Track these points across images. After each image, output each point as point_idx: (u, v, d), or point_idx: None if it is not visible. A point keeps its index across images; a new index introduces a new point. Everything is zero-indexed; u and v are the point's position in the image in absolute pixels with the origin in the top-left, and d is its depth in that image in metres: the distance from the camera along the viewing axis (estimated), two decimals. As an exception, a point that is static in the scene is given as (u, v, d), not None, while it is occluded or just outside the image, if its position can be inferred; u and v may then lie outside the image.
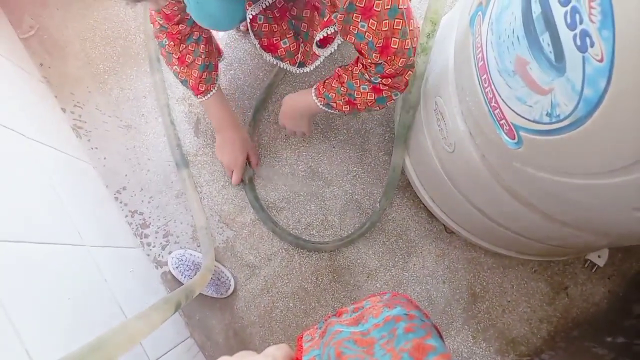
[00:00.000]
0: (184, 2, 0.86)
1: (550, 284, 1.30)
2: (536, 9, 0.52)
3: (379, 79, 0.89)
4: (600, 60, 0.44)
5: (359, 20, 0.77)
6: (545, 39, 0.51)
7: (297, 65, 1.06)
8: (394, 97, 0.95)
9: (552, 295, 1.30)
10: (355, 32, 0.80)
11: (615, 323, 1.15)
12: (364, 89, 0.93)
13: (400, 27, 0.79)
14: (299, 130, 1.20)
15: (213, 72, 1.10)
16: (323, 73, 1.37)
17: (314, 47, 0.97)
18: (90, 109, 1.33)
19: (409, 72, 0.89)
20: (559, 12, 0.48)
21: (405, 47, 0.83)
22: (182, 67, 1.05)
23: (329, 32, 0.90)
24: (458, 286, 1.32)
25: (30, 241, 0.80)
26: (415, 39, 0.85)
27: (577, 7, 0.45)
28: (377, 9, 0.75)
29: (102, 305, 0.95)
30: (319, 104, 1.03)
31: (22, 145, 0.98)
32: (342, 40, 0.93)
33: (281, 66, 1.08)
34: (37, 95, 1.23)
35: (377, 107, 0.98)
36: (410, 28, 0.82)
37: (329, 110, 1.03)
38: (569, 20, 0.46)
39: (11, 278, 0.70)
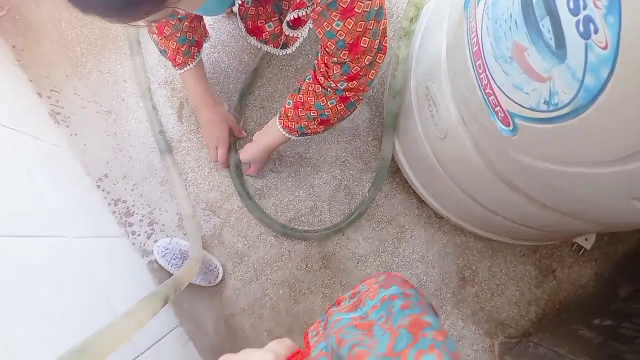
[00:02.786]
0: None
1: (538, 267, 1.31)
2: (536, -8, 0.49)
3: (345, 84, 0.88)
4: (604, 48, 0.42)
5: (335, 19, 0.75)
6: (545, 25, 0.49)
7: (280, 47, 1.03)
8: (361, 98, 0.96)
9: (540, 278, 1.31)
10: (328, 29, 0.77)
11: (602, 306, 1.17)
12: (331, 103, 0.93)
13: (372, 28, 0.78)
14: (268, 163, 1.27)
15: (193, 47, 1.06)
16: (310, 56, 1.33)
17: (285, 28, 0.93)
18: (68, 93, 1.27)
19: (372, 71, 0.87)
20: (561, -4, 0.45)
21: (373, 46, 0.82)
22: (160, 37, 1.02)
23: (300, 14, 0.87)
24: (447, 270, 1.32)
25: (7, 235, 0.76)
26: (385, 38, 0.84)
27: (581, -9, 0.42)
28: (357, 11, 0.73)
29: (88, 298, 0.92)
30: (292, 137, 1.04)
31: (-5, 133, 0.93)
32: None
33: (265, 49, 1.04)
34: (10, 79, 1.18)
35: (349, 113, 0.98)
36: (381, 28, 0.81)
37: (302, 138, 1.06)
38: (571, 6, 0.44)
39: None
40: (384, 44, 0.85)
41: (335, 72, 0.85)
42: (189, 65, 1.07)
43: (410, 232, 1.32)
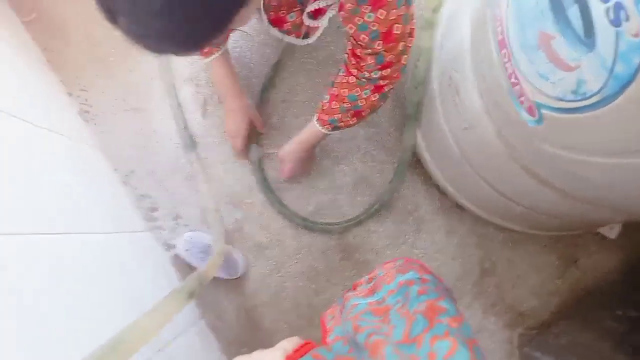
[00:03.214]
0: None
1: (560, 257, 1.31)
2: (565, -19, 0.50)
3: (379, 73, 0.88)
4: (636, 36, 0.42)
5: (367, 12, 0.75)
6: (573, 13, 0.50)
7: (302, 37, 1.04)
8: (393, 87, 0.95)
9: (562, 268, 1.31)
10: (360, 22, 0.77)
11: (626, 296, 1.16)
12: (366, 93, 0.92)
13: (403, 14, 0.77)
14: (307, 169, 1.27)
15: None
16: (331, 48, 1.33)
17: (305, 19, 0.94)
18: (96, 92, 1.30)
19: (404, 56, 0.87)
20: (590, -15, 0.46)
21: (406, 32, 0.81)
22: None
23: (320, 5, 0.88)
24: (468, 261, 1.32)
25: (40, 232, 0.79)
26: (413, 21, 0.83)
27: (612, -21, 0.43)
28: (388, 0, 0.74)
29: (117, 291, 0.95)
30: (326, 131, 1.04)
31: (29, 133, 0.96)
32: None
33: (286, 40, 1.05)
34: (42, 80, 1.21)
35: (381, 104, 0.98)
36: (411, 12, 0.81)
37: (335, 132, 1.05)
38: (602, -7, 0.45)
39: (26, 271, 0.70)
40: (412, 27, 0.84)
41: (369, 62, 0.85)
42: (215, 54, 1.07)
43: (430, 224, 1.32)
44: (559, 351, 1.10)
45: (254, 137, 1.28)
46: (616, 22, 0.44)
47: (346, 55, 0.91)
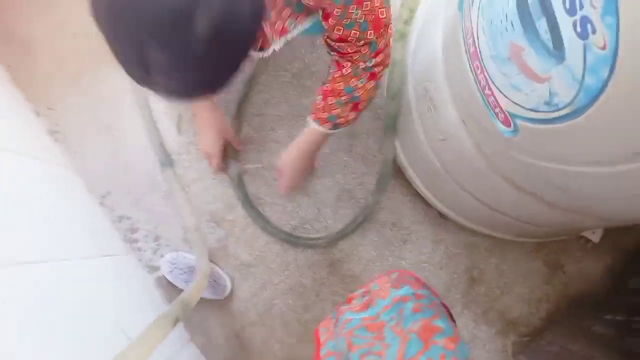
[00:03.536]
0: None
1: (546, 262, 1.30)
2: (531, -7, 0.48)
3: (373, 61, 0.87)
4: (603, 48, 0.41)
5: (353, 11, 0.75)
6: (541, 25, 0.49)
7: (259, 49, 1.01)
8: (382, 75, 0.94)
9: (549, 274, 1.30)
10: (347, 22, 0.78)
11: (613, 300, 1.16)
12: (362, 82, 0.90)
13: None
14: (307, 178, 1.24)
15: None
16: (305, 61, 1.32)
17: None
18: (65, 110, 1.27)
19: (389, 41, 0.88)
20: (556, -3, 0.45)
21: (390, 13, 0.83)
22: None
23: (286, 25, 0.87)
24: (456, 271, 1.31)
25: (11, 263, 0.76)
26: (390, 2, 0.85)
27: (577, -8, 0.42)
28: None
29: (97, 320, 0.92)
30: (326, 130, 0.99)
31: (-4, 157, 0.93)
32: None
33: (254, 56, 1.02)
34: (6, 100, 1.17)
35: (375, 93, 0.95)
36: None
37: (337, 131, 0.99)
38: (568, 6, 0.43)
39: (2, 304, 0.67)
40: (389, 8, 0.85)
41: (364, 52, 0.85)
42: None
43: (416, 234, 1.31)
44: (552, 359, 1.09)
45: (232, 152, 1.26)
46: (583, 35, 0.43)
47: (333, 54, 0.90)
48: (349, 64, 0.88)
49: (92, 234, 1.16)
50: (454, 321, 0.65)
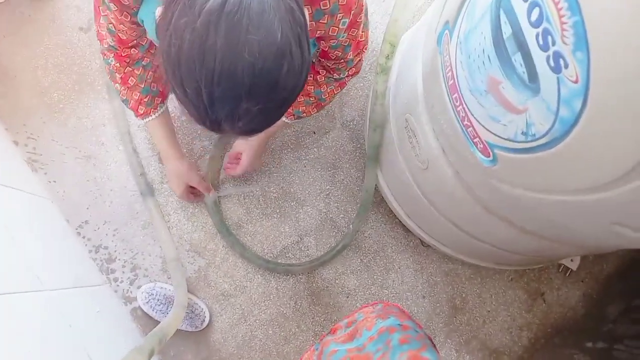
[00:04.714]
0: (143, 26, 0.82)
1: (527, 291, 1.31)
2: (506, 30, 0.51)
3: (346, 73, 0.95)
4: (575, 82, 0.43)
5: (340, 19, 0.77)
6: (517, 59, 0.51)
7: None
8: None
9: (529, 302, 1.31)
10: (333, 43, 0.82)
11: (593, 328, 1.17)
12: (330, 88, 0.99)
13: (362, 21, 0.83)
14: (259, 164, 1.26)
15: (157, 98, 1.03)
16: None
17: None
18: (45, 140, 1.25)
19: (364, 54, 0.94)
20: (530, 34, 0.47)
21: (367, 35, 0.89)
22: (123, 87, 0.99)
23: None
24: (438, 299, 1.31)
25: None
26: (368, 23, 0.90)
27: (549, 29, 0.44)
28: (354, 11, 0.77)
29: (69, 354, 0.88)
30: (289, 121, 1.07)
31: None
32: None
33: None
34: (-15, 129, 1.16)
35: (339, 91, 1.03)
36: (366, 20, 0.87)
37: (297, 121, 1.09)
38: (541, 42, 0.46)
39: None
40: (367, 32, 0.91)
41: (341, 67, 0.92)
42: (151, 115, 1.04)
43: (398, 262, 1.31)
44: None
45: (211, 178, 1.25)
46: (557, 69, 0.45)
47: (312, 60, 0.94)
48: (325, 72, 0.95)
49: (68, 264, 1.12)
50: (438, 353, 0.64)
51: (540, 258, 1.04)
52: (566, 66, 0.43)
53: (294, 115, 1.04)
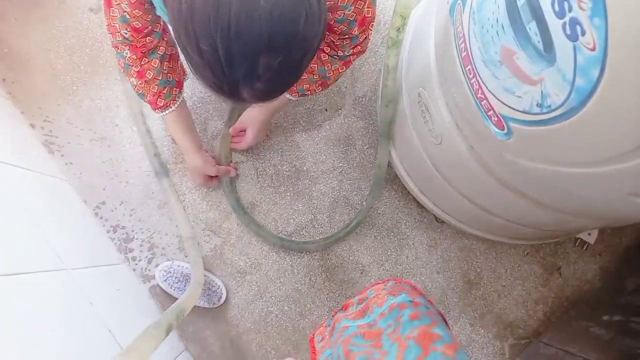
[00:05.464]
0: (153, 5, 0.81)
1: (542, 265, 1.31)
2: (521, -3, 0.49)
3: (351, 51, 0.91)
4: (593, 49, 0.42)
5: (344, 4, 0.75)
6: (532, 28, 0.49)
7: None
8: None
9: (545, 276, 1.30)
10: (340, 17, 0.79)
11: (610, 301, 1.16)
12: (335, 67, 0.96)
13: None
14: (265, 137, 1.27)
15: (175, 89, 1.01)
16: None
17: None
18: (60, 123, 1.27)
19: (370, 32, 0.91)
20: (545, 0, 0.45)
21: (374, 12, 0.85)
22: (140, 81, 0.96)
23: None
24: (452, 275, 1.31)
25: (6, 273, 0.75)
26: (375, 0, 0.88)
27: (566, -6, 0.42)
28: None
29: (91, 331, 0.91)
30: (293, 98, 1.05)
31: (-11, 169, 0.93)
32: None
33: None
34: (2, 113, 1.17)
35: (344, 71, 1.01)
36: None
37: (301, 98, 1.07)
38: (557, 8, 0.44)
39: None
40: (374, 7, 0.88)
41: (344, 43, 0.88)
42: (171, 107, 1.02)
43: (412, 239, 1.31)
44: (549, 361, 1.09)
45: (225, 158, 1.25)
46: (573, 37, 0.43)
47: None
48: (329, 49, 0.92)
49: (87, 244, 1.15)
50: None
51: (556, 232, 1.03)
52: (583, 33, 0.42)
53: (297, 92, 1.02)
